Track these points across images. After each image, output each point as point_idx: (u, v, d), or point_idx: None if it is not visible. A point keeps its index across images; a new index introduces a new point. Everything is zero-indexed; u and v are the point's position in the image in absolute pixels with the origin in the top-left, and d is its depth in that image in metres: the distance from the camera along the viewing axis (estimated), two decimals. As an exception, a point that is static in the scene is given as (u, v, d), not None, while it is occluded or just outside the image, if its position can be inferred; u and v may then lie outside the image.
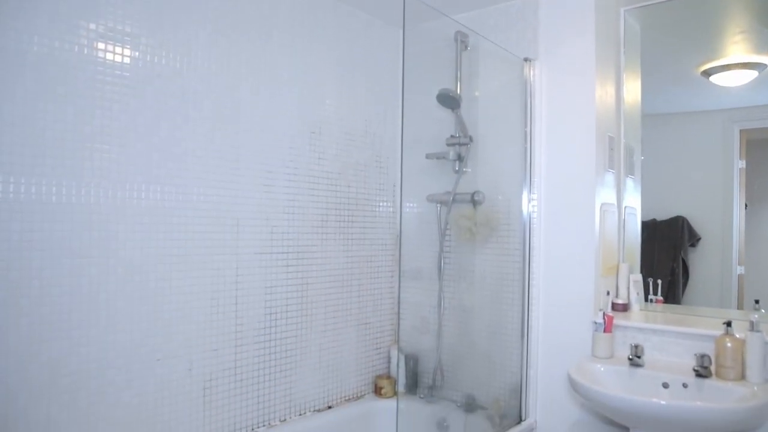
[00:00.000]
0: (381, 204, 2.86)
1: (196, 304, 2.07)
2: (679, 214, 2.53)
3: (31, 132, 1.67)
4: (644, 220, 2.61)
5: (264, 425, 2.31)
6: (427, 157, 2.79)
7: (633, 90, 2.63)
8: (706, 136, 2.52)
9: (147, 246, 1.93)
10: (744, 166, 2.41)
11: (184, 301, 2.04)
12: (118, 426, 1.86)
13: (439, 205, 2.79)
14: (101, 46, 1.82)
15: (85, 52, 1.78)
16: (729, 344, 1.96)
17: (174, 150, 2.00)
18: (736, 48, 2.47)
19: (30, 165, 1.67)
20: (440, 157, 2.74)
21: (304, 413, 2.48)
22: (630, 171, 2.62)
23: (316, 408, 2.54)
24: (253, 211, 2.25)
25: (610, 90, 2.53)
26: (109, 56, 1.84)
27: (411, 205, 2.91)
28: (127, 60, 1.88)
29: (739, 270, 2.39)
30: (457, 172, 2.71)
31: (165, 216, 1.98)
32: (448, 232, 2.78)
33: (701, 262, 2.48)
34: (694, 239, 2.48)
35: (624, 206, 2.58)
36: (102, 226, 1.82)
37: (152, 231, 1.94)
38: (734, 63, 2.44)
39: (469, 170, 2.73)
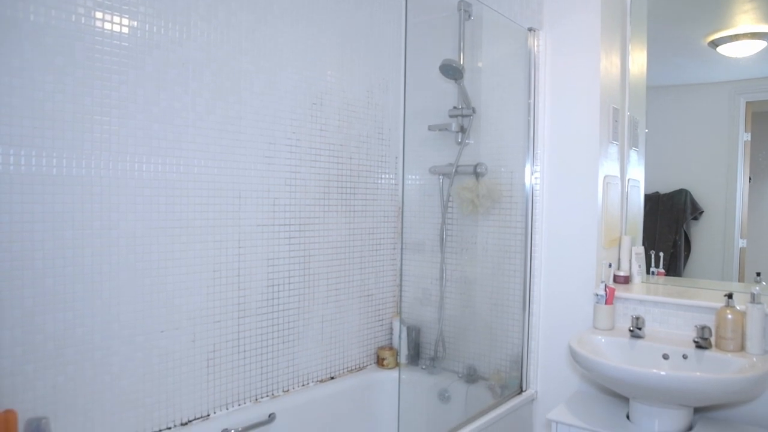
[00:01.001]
0: (383, 176, 2.85)
1: (199, 276, 2.08)
2: (683, 187, 2.51)
3: (30, 103, 1.65)
4: (647, 193, 2.60)
5: (267, 395, 2.34)
6: (430, 128, 2.77)
7: (638, 61, 2.60)
8: (712, 108, 2.49)
9: (149, 218, 1.93)
10: (749, 138, 2.39)
11: (187, 272, 2.04)
12: (124, 396, 1.89)
13: (441, 177, 2.78)
14: (99, 15, 1.79)
15: (83, 21, 1.76)
16: (730, 316, 1.97)
17: (174, 121, 1.99)
18: (745, 18, 2.43)
19: (29, 137, 1.66)
20: (443, 128, 2.72)
21: (307, 384, 2.51)
22: (634, 143, 2.60)
23: (319, 378, 2.57)
24: (255, 183, 2.25)
25: (615, 61, 2.50)
26: (108, 26, 1.81)
27: (413, 177, 2.90)
28: (125, 30, 1.86)
29: (741, 243, 2.39)
30: (459, 143, 2.70)
31: (166, 188, 1.97)
32: (450, 204, 2.77)
33: (703, 235, 2.48)
34: (696, 212, 2.48)
35: (627, 179, 2.57)
36: (103, 198, 1.81)
37: (153, 203, 1.94)
38: (742, 33, 2.40)
39: (472, 142, 2.71)
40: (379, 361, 2.81)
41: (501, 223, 2.64)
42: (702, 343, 2.00)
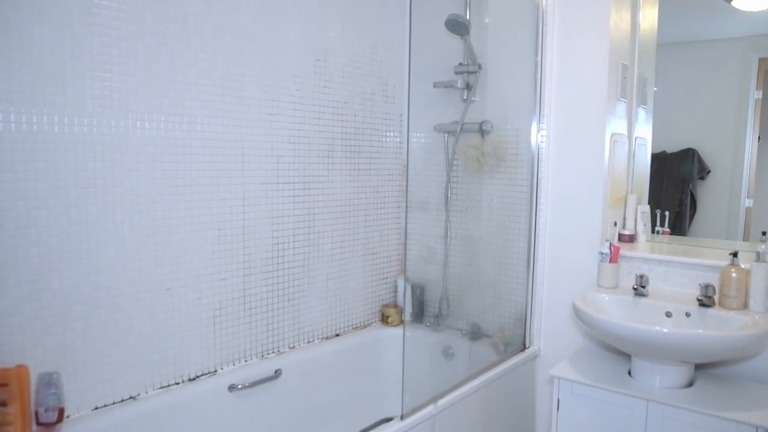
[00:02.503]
0: (387, 134, 2.82)
1: (204, 234, 2.08)
2: (690, 147, 2.48)
3: (28, 60, 1.63)
4: (654, 152, 2.57)
5: (274, 352, 2.37)
6: (435, 85, 2.73)
7: (650, 16, 2.53)
8: (723, 66, 2.44)
9: (152, 176, 1.92)
10: (760, 96, 2.34)
11: (192, 230, 2.05)
12: (132, 352, 1.91)
13: (446, 134, 2.76)
14: (96, -33, 1.75)
15: (80, -27, 1.71)
16: (734, 274, 1.97)
17: (176, 78, 1.96)
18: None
19: (29, 94, 1.63)
20: (448, 85, 2.68)
21: (313, 341, 2.54)
22: (642, 101, 2.56)
23: (324, 336, 2.60)
24: (259, 141, 2.23)
25: (626, 16, 2.43)
26: (105, -22, 1.77)
27: (418, 134, 2.87)
28: (123, -18, 1.81)
29: (748, 203, 2.37)
30: (465, 101, 2.66)
31: (169, 146, 1.96)
32: (455, 162, 2.75)
33: (710, 195, 2.46)
34: (703, 172, 2.45)
35: (635, 137, 2.54)
36: (106, 156, 1.80)
37: (157, 161, 1.93)
38: (759, -16, 2.33)
39: (478, 99, 2.67)
40: (384, 319, 2.84)
41: (506, 181, 2.62)
42: (705, 301, 2.01)
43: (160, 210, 1.95)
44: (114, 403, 1.88)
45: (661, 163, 2.55)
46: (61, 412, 1.70)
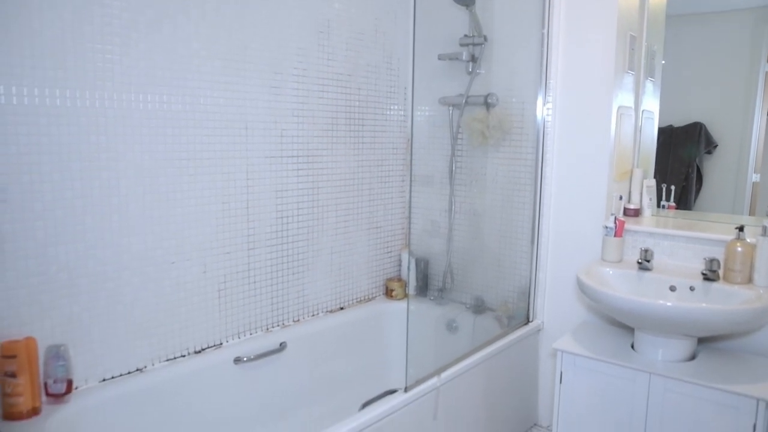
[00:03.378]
0: (392, 107, 2.79)
1: (208, 208, 2.08)
2: (698, 120, 2.45)
3: (28, 34, 1.61)
4: (661, 126, 2.54)
5: (278, 325, 2.39)
6: (440, 58, 2.69)
7: (659, -15, 2.48)
8: (733, 38, 2.39)
9: (155, 150, 1.91)
10: (770, 69, 2.31)
11: (196, 204, 2.05)
12: (138, 325, 1.93)
13: (451, 107, 2.73)
14: (95, -64, 1.72)
15: (79, -57, 1.68)
16: (739, 249, 1.97)
17: (178, 50, 1.94)
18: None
19: (30, 68, 1.62)
20: (453, 57, 2.65)
21: (317, 314, 2.56)
22: (650, 73, 2.52)
23: (329, 309, 2.61)
24: (262, 114, 2.21)
25: (635, -15, 2.39)
26: (105, -52, 1.74)
27: (422, 107, 2.84)
28: (123, -48, 1.78)
29: (755, 178, 2.35)
30: (470, 73, 2.63)
31: (172, 119, 1.95)
32: (460, 135, 2.73)
33: (716, 169, 2.44)
34: (710, 146, 2.43)
35: (641, 110, 2.51)
36: (109, 130, 1.79)
37: (160, 134, 1.92)
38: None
39: (483, 72, 2.64)
40: (388, 293, 2.85)
41: (511, 154, 2.61)
42: (710, 275, 2.01)
43: (163, 184, 1.95)
44: (121, 375, 1.90)
45: (668, 137, 2.52)
46: (70, 383, 1.72)
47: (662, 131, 2.53)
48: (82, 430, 1.69)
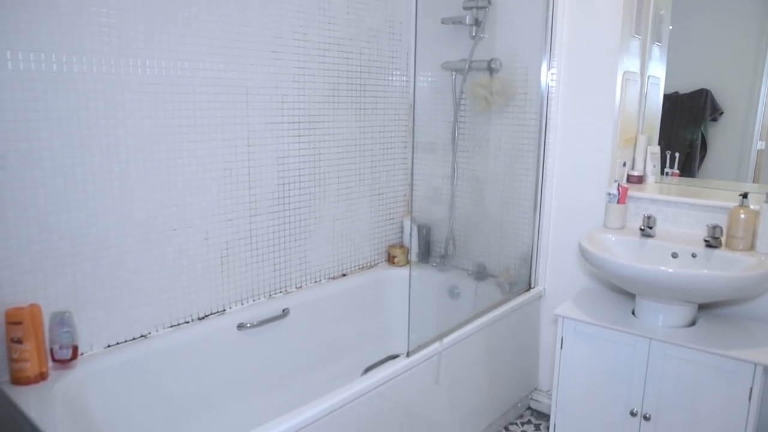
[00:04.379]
0: (394, 72, 2.75)
1: (209, 175, 2.07)
2: (704, 87, 2.41)
3: (23, -5, 1.58)
4: (666, 93, 2.50)
5: (281, 291, 2.40)
6: (443, 22, 2.64)
7: (668, -55, 2.42)
8: (743, 3, 2.34)
9: (155, 116, 1.89)
10: (780, 34, 2.26)
11: (197, 171, 2.03)
12: (141, 292, 1.94)
13: (454, 73, 2.69)
14: None
15: None
16: (743, 215, 1.96)
17: (177, 14, 1.90)
18: None
19: (25, 32, 1.59)
20: (456, 21, 2.60)
21: (320, 280, 2.57)
22: (657, 38, 2.48)
23: (331, 276, 2.63)
24: (263, 80, 2.18)
25: (644, -55, 2.33)
26: None
27: (425, 73, 2.80)
28: None
29: (760, 145, 2.32)
30: (473, 38, 2.58)
31: (171, 85, 1.92)
32: (462, 101, 2.70)
33: (721, 137, 2.41)
34: (716, 113, 2.40)
35: (647, 75, 2.47)
36: (107, 96, 1.77)
37: (159, 101, 1.90)
38: None
39: (487, 36, 2.59)
40: (390, 259, 2.86)
41: (515, 120, 2.58)
42: (712, 242, 2.01)
43: (164, 151, 1.93)
44: (126, 342, 1.92)
45: (673, 103, 2.49)
46: (75, 349, 1.74)
47: (668, 98, 2.50)
48: (89, 394, 1.72)
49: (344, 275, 2.67)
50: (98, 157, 1.77)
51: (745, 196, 1.99)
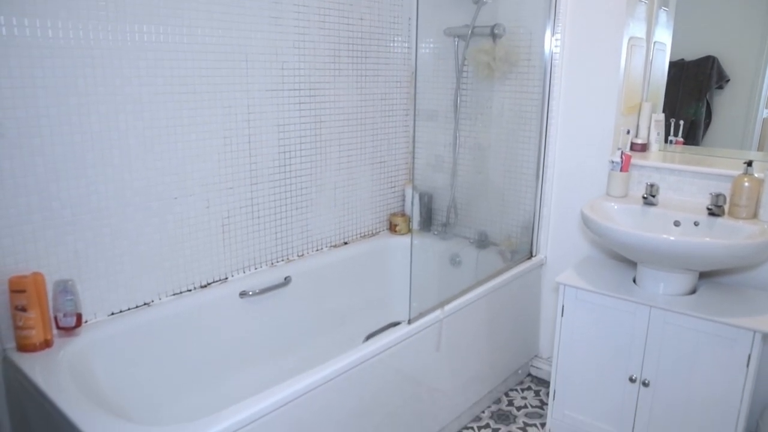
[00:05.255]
0: (395, 38, 2.71)
1: (209, 143, 2.06)
2: (711, 54, 2.37)
3: (17, -43, 1.54)
4: (672, 60, 2.46)
5: (283, 260, 2.41)
6: (445, -15, 2.59)
7: None
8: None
9: (154, 83, 1.87)
10: (791, -1, 2.21)
11: (197, 139, 2.02)
12: (143, 260, 1.95)
13: (456, 39, 2.65)
14: None
15: None
16: (746, 183, 1.95)
17: (173, -22, 1.86)
18: None
19: (21, -5, 1.56)
20: (459, -15, 2.55)
21: (321, 249, 2.57)
22: (664, 3, 2.43)
23: (333, 244, 2.63)
24: (262, 46, 2.15)
25: None
26: None
27: (427, 39, 2.76)
28: None
29: (766, 113, 2.29)
30: (476, 3, 2.53)
31: (169, 51, 1.89)
32: (465, 68, 2.67)
33: (726, 105, 2.38)
34: (722, 80, 2.36)
35: (653, 41, 2.43)
36: (105, 63, 1.75)
37: (158, 67, 1.87)
38: None
39: (489, 1, 2.54)
40: (392, 227, 2.86)
41: (518, 87, 2.55)
42: (715, 210, 2.00)
43: (163, 118, 1.91)
44: (129, 309, 1.93)
45: (679, 70, 2.45)
46: (79, 317, 1.76)
47: (673, 65, 2.46)
48: (94, 361, 1.73)
49: (346, 243, 2.68)
50: (97, 125, 1.76)
51: (749, 164, 1.97)
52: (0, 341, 1.66)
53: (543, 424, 2.37)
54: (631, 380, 2.02)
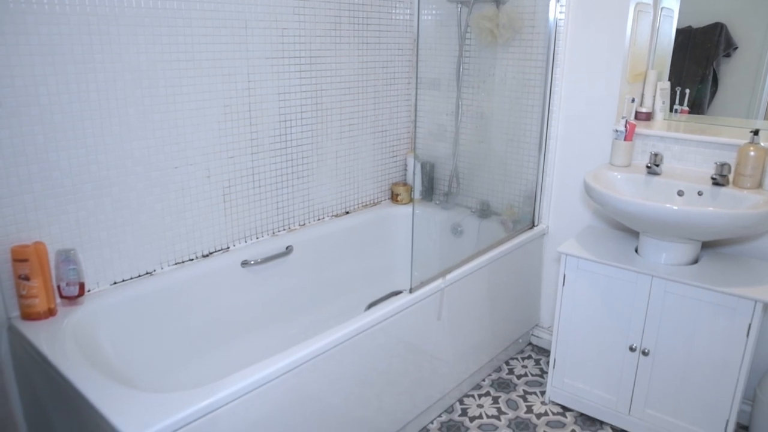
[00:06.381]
0: (397, 4, 2.66)
1: (209, 112, 2.04)
2: (719, 21, 2.33)
3: None
4: (679, 27, 2.41)
5: (284, 229, 2.41)
6: (449, -51, 2.53)
7: None
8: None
9: (152, 50, 1.84)
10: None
11: (197, 108, 2.00)
12: (145, 229, 1.95)
13: (459, 5, 2.60)
14: None
15: None
16: (752, 153, 1.93)
17: (170, -59, 1.82)
18: None
19: (15, -41, 1.53)
20: (463, -51, 2.49)
21: (323, 218, 2.57)
22: (672, -35, 2.37)
23: (334, 213, 2.62)
24: (262, 12, 2.11)
25: None
26: None
27: (429, 6, 2.71)
28: None
29: (773, 82, 2.26)
30: (480, -33, 2.48)
31: (167, 18, 1.86)
32: (468, 35, 2.62)
33: (733, 73, 2.34)
34: (730, 48, 2.32)
35: (661, 8, 2.38)
36: (102, 30, 1.72)
37: (155, 34, 1.84)
38: None
39: (494, -35, 2.49)
40: (394, 197, 2.85)
41: (521, 55, 2.51)
42: (719, 180, 1.98)
43: (162, 86, 1.89)
44: (131, 279, 1.94)
45: (686, 38, 2.41)
46: (82, 286, 1.76)
47: (680, 32, 2.42)
48: (98, 329, 1.75)
49: (347, 213, 2.67)
50: (95, 93, 1.74)
51: (756, 132, 1.95)
52: (5, 309, 1.67)
53: (543, 392, 2.40)
54: (631, 349, 2.04)
